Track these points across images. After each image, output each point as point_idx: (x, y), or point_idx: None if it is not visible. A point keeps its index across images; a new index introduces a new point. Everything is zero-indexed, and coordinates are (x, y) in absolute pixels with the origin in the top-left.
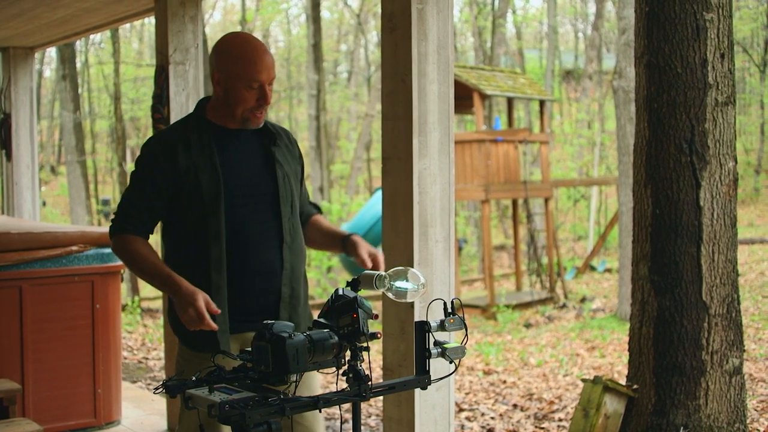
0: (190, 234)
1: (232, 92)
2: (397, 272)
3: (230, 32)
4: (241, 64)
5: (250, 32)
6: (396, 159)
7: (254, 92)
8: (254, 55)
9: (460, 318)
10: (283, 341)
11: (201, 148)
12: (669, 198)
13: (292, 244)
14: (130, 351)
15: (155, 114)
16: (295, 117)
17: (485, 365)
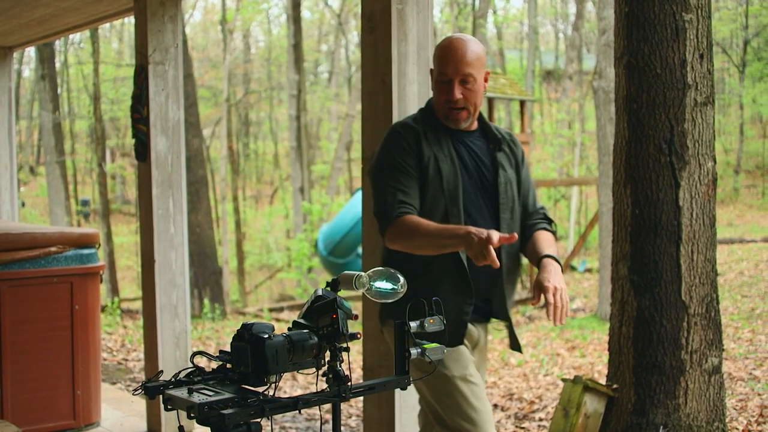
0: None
1: (433, 88)
2: (377, 272)
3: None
4: (436, 59)
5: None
6: None
7: (444, 87)
8: (449, 48)
9: (440, 318)
10: (263, 342)
11: (437, 141)
12: (648, 198)
13: (509, 248)
14: (109, 352)
15: (134, 114)
16: (275, 117)
17: None
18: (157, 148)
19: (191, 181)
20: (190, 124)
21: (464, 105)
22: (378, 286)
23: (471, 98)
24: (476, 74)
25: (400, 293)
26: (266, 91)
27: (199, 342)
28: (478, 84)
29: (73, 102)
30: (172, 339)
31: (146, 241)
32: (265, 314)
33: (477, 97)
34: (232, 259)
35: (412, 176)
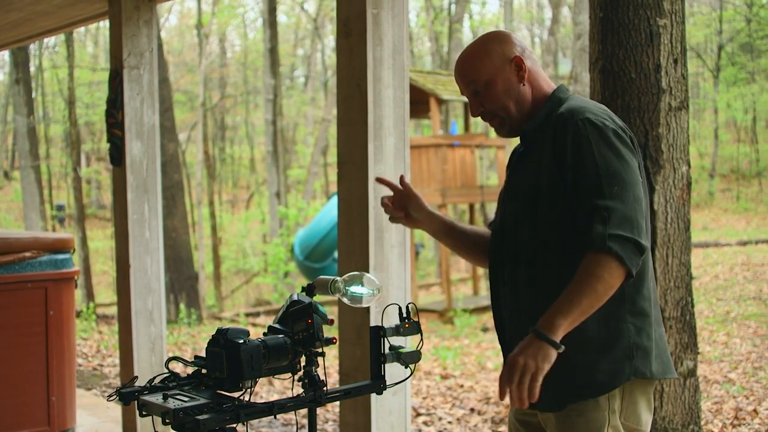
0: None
1: None
2: (352, 277)
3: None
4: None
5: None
6: (351, 164)
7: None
8: (456, 64)
9: (416, 323)
10: (238, 347)
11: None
12: None
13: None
14: (84, 358)
15: (109, 119)
16: (251, 122)
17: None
18: (132, 153)
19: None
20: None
21: (493, 113)
22: (353, 291)
23: (494, 104)
24: (485, 75)
25: (375, 298)
26: (242, 96)
27: (174, 347)
28: (496, 87)
29: (47, 106)
30: (147, 344)
31: (121, 246)
32: (242, 319)
33: (502, 99)
34: (208, 263)
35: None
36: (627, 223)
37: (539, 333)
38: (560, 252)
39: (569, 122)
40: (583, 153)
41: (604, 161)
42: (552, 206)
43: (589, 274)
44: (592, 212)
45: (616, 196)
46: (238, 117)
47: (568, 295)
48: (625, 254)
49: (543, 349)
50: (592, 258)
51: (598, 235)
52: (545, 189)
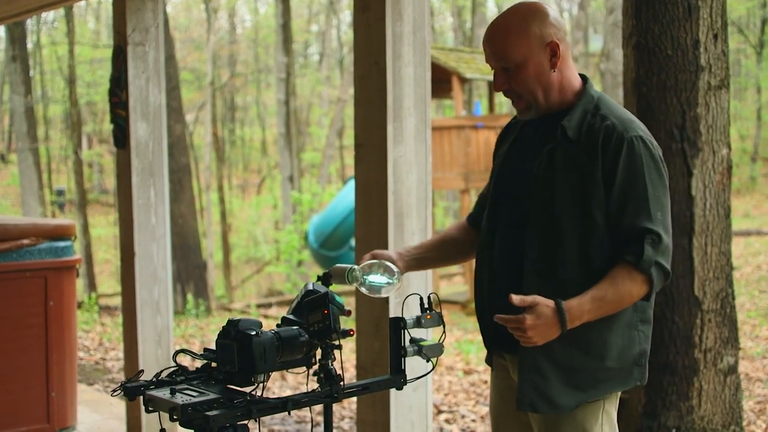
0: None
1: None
2: (370, 266)
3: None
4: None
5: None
6: (369, 146)
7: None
8: (486, 32)
9: (438, 314)
10: (250, 339)
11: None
12: None
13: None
14: (86, 351)
15: (113, 98)
16: (263, 102)
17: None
18: (137, 135)
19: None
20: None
21: (518, 94)
22: (372, 280)
23: (520, 86)
24: (518, 56)
25: (395, 287)
26: (253, 74)
27: (182, 340)
28: (528, 70)
29: (46, 85)
30: (153, 337)
31: (126, 233)
32: (253, 310)
33: (531, 84)
34: (217, 252)
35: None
36: (667, 253)
37: (563, 318)
38: (574, 249)
39: (624, 138)
40: (636, 174)
41: (653, 185)
42: (587, 209)
43: (623, 289)
44: (643, 234)
45: (660, 222)
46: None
47: (600, 299)
48: (657, 282)
49: (552, 332)
50: (631, 275)
51: (648, 258)
52: (586, 189)
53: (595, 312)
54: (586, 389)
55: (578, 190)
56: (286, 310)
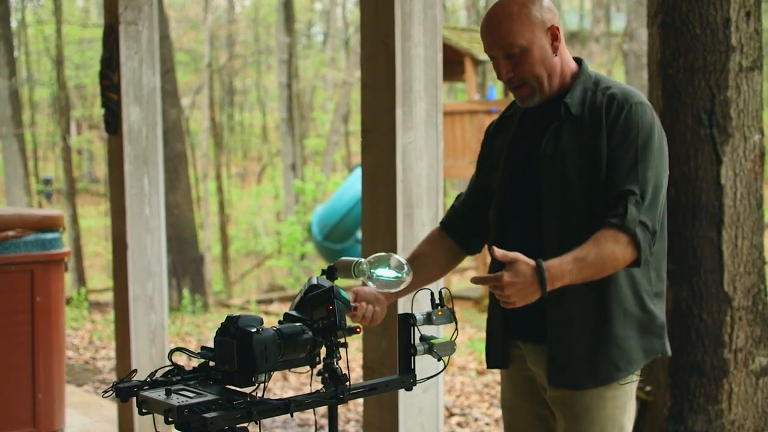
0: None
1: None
2: (378, 259)
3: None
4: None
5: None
6: (377, 132)
7: (494, 65)
8: (485, 20)
9: (450, 310)
10: (250, 336)
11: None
12: (686, 176)
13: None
14: (75, 350)
15: (104, 81)
16: (263, 85)
17: (479, 364)
18: (129, 120)
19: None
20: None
21: (522, 80)
22: (380, 274)
23: (525, 71)
24: (523, 41)
25: (405, 282)
26: (253, 56)
27: (177, 338)
28: (533, 55)
29: (32, 67)
30: (147, 334)
31: (118, 225)
32: (253, 306)
33: (537, 69)
34: (215, 244)
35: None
36: (653, 214)
37: (543, 277)
38: (591, 223)
39: (623, 105)
40: (629, 137)
41: (645, 150)
42: (599, 183)
43: (606, 250)
44: (627, 195)
45: (648, 184)
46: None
47: (581, 259)
48: (643, 244)
49: (532, 292)
50: (614, 235)
51: (631, 217)
52: (595, 162)
53: (577, 273)
54: (618, 363)
55: (588, 164)
56: (289, 306)
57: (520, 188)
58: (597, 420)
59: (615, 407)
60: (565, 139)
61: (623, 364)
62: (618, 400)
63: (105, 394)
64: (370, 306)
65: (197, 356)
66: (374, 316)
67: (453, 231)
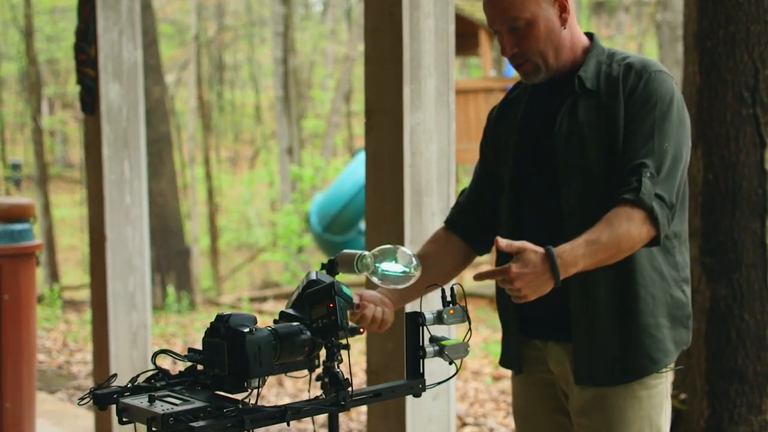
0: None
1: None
2: (383, 252)
3: None
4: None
5: None
6: (382, 112)
7: (499, 40)
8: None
9: (462, 308)
10: (242, 337)
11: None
12: (725, 160)
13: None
14: (47, 354)
15: (80, 55)
16: (256, 60)
17: (494, 369)
18: (108, 98)
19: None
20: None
21: (526, 57)
22: (385, 269)
23: (530, 47)
24: (527, 14)
25: (414, 277)
26: (245, 28)
27: (161, 339)
28: (538, 28)
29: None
30: (127, 335)
31: (95, 214)
32: (245, 305)
33: (542, 44)
34: (203, 236)
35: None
36: (669, 186)
37: (554, 264)
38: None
39: (642, 75)
40: (647, 108)
41: (663, 121)
42: (616, 154)
43: (620, 230)
44: (641, 168)
45: (666, 156)
46: (239, 54)
47: (594, 242)
48: (662, 219)
49: (544, 282)
50: (628, 213)
51: (646, 191)
52: (614, 137)
53: (591, 257)
54: (651, 354)
55: (608, 139)
56: (285, 304)
57: (535, 173)
58: (632, 422)
59: (651, 407)
60: (582, 114)
61: (658, 355)
62: (654, 399)
63: (81, 401)
64: (378, 308)
65: (184, 359)
66: (383, 318)
67: (460, 229)
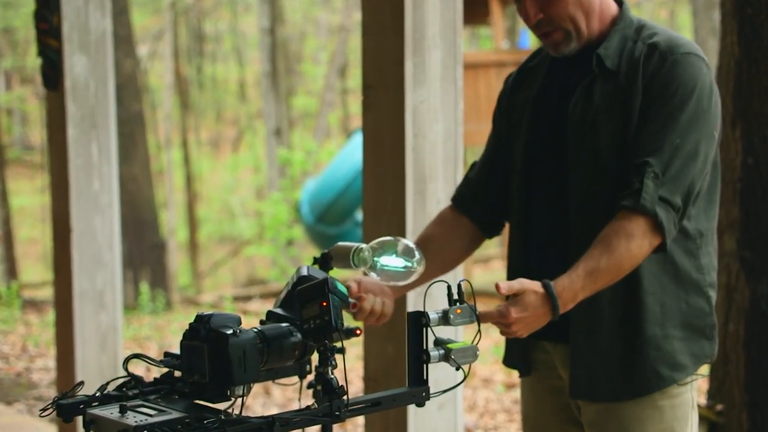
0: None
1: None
2: (383, 244)
3: None
4: None
5: None
6: (382, 88)
7: (518, 8)
8: None
9: (471, 308)
10: (225, 340)
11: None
12: (767, 142)
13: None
14: (5, 360)
15: (41, 23)
16: (240, 31)
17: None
18: (73, 72)
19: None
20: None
21: (554, 23)
22: (385, 264)
23: (558, 11)
24: None
25: (416, 273)
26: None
27: (134, 343)
28: None
29: None
30: (96, 339)
31: (59, 203)
32: (228, 304)
33: (571, 8)
34: (180, 228)
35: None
36: (676, 186)
37: (555, 305)
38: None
39: (666, 57)
40: (663, 97)
41: (681, 112)
42: (626, 144)
43: (620, 250)
44: (644, 167)
45: (675, 151)
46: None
47: (594, 271)
48: (667, 224)
49: (541, 322)
50: (627, 227)
51: (649, 194)
52: (632, 127)
53: (591, 287)
54: (657, 368)
55: (620, 130)
56: (273, 303)
57: (547, 156)
58: None
59: (674, 419)
60: (597, 98)
61: (665, 370)
62: (677, 410)
63: (43, 412)
64: (378, 299)
65: (159, 364)
66: (382, 311)
67: (467, 208)
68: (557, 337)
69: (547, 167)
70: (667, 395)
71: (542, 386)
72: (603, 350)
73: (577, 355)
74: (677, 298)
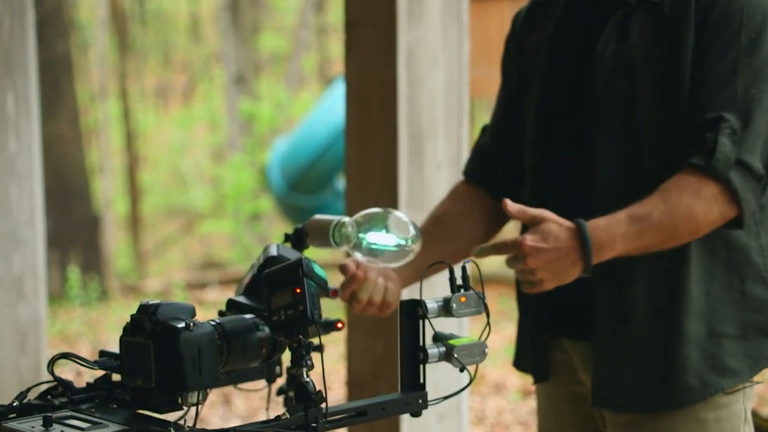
0: None
1: None
2: (370, 218)
3: None
4: None
5: None
6: (369, 26)
7: None
8: None
9: (478, 295)
10: (176, 335)
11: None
12: None
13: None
14: None
15: None
16: None
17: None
18: None
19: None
20: None
21: None
22: (373, 241)
23: None
24: None
25: (412, 252)
26: None
27: (61, 340)
28: None
29: None
30: (13, 336)
31: None
32: (179, 292)
33: None
34: (118, 199)
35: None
36: (758, 147)
37: (586, 243)
38: (663, 162)
39: None
40: (727, 35)
41: (751, 52)
42: (679, 97)
43: (680, 205)
44: (718, 122)
45: (755, 103)
46: None
47: (641, 218)
48: (744, 193)
49: (569, 265)
50: (695, 184)
51: (723, 155)
52: (678, 71)
53: (635, 240)
54: (700, 374)
55: (669, 75)
56: (234, 290)
57: (566, 111)
58: None
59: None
60: (636, 36)
61: (710, 376)
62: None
63: None
64: (380, 280)
65: (93, 366)
66: (384, 299)
67: (483, 181)
68: (577, 333)
69: (567, 127)
70: (711, 406)
71: (561, 393)
72: (633, 349)
73: (601, 355)
74: (729, 288)
